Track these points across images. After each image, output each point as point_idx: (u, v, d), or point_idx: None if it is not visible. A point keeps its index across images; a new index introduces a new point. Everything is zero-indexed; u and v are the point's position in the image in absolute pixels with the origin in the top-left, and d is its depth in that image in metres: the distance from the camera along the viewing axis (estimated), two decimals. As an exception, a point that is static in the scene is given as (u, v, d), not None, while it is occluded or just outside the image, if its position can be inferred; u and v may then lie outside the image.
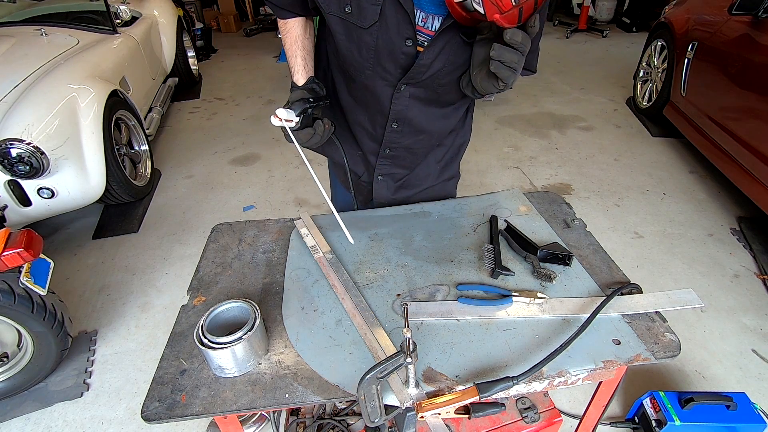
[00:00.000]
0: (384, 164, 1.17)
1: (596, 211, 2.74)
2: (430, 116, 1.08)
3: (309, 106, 0.95)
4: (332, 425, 1.12)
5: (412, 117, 1.05)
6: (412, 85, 0.99)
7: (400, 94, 1.00)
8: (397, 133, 1.09)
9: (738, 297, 2.10)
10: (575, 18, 6.68)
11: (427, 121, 1.08)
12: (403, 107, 1.03)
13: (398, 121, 1.06)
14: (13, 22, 3.27)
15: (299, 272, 1.01)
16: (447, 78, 0.98)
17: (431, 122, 1.10)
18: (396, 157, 1.16)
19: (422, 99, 1.03)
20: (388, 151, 1.14)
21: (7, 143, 1.96)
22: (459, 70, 0.97)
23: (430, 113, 1.07)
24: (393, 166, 1.18)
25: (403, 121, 1.06)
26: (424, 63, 0.93)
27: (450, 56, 0.93)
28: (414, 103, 1.03)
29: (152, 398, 0.75)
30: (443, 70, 0.96)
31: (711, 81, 2.79)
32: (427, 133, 1.12)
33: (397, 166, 1.18)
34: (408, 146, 1.13)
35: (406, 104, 1.02)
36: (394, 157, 1.16)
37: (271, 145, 3.66)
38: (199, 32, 5.98)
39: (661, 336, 0.83)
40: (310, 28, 1.10)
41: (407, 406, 0.73)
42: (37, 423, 1.67)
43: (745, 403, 1.40)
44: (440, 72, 0.96)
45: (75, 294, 2.23)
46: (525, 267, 1.01)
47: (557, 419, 1.09)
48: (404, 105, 1.03)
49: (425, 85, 0.99)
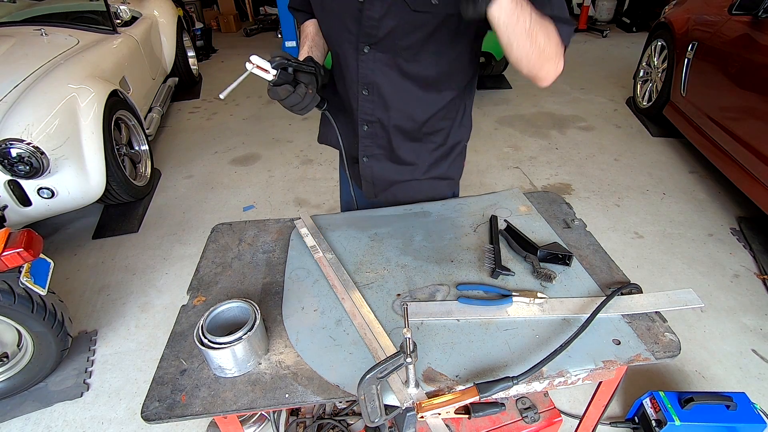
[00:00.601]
0: (367, 144, 1.16)
1: (596, 211, 2.74)
2: (402, 90, 1.06)
3: (289, 63, 0.95)
4: (332, 425, 1.12)
5: (380, 83, 1.05)
6: (374, 48, 0.99)
7: (365, 56, 1.01)
8: (369, 102, 1.08)
9: (738, 297, 2.10)
10: (575, 18, 6.68)
11: (397, 93, 1.07)
12: (368, 71, 1.03)
13: (368, 88, 1.06)
14: (13, 22, 3.27)
15: (299, 272, 1.01)
16: (407, 40, 0.97)
17: (403, 97, 1.08)
18: (375, 135, 1.14)
19: (391, 66, 1.02)
20: (366, 128, 1.13)
21: (7, 143, 1.96)
22: (420, 32, 0.95)
23: (402, 86, 1.06)
24: (374, 146, 1.16)
25: (372, 88, 1.06)
26: (372, 16, 0.94)
27: (403, 14, 0.92)
28: (381, 69, 1.03)
29: (152, 398, 0.75)
30: (399, 30, 0.95)
31: (711, 81, 2.79)
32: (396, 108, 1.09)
33: (378, 146, 1.16)
34: (382, 121, 1.11)
35: (372, 68, 1.03)
36: (373, 135, 1.14)
37: (271, 145, 3.67)
38: (199, 32, 5.97)
39: (661, 336, 0.83)
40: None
41: (407, 406, 0.73)
42: (37, 423, 1.67)
43: (745, 403, 1.40)
44: (397, 32, 0.95)
45: (75, 294, 2.23)
46: (525, 267, 1.01)
47: (557, 419, 1.09)
48: (370, 69, 1.03)
49: (387, 49, 0.99)
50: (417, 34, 0.96)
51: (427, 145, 1.18)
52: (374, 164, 1.19)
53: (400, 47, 0.98)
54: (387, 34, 0.96)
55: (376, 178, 1.22)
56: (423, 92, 1.07)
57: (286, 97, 0.95)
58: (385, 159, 1.19)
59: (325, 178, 3.17)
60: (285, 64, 0.94)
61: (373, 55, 1.00)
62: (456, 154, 1.24)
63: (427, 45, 0.98)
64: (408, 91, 1.07)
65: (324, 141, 1.33)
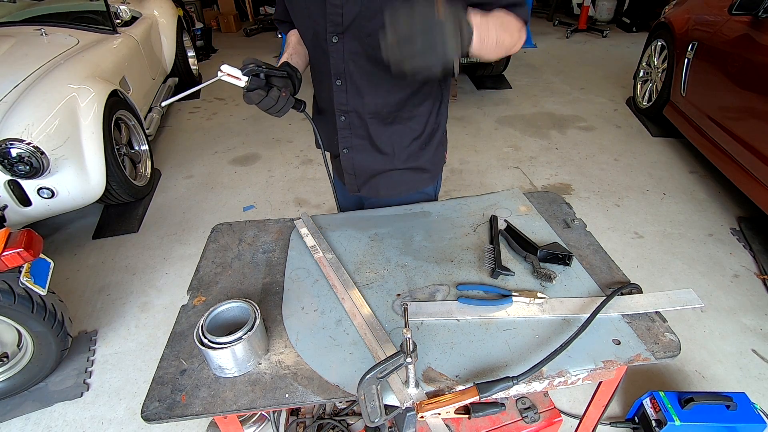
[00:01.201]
0: (345, 135, 1.17)
1: (596, 211, 2.74)
2: (373, 76, 1.07)
3: (260, 69, 0.97)
4: (332, 425, 1.12)
5: (352, 72, 1.06)
6: (342, 37, 1.00)
7: (334, 47, 1.03)
8: (343, 92, 1.09)
9: (738, 297, 2.10)
10: (575, 18, 6.68)
11: (368, 81, 1.08)
12: (340, 60, 1.05)
13: (340, 78, 1.07)
14: (13, 22, 3.27)
15: (299, 272, 1.01)
16: (371, 26, 0.97)
17: (375, 83, 1.08)
18: (352, 125, 1.15)
19: (360, 54, 1.03)
20: (343, 118, 1.14)
21: (7, 143, 1.96)
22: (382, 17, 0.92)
23: (373, 73, 1.06)
24: (353, 136, 1.17)
25: (344, 78, 1.07)
26: (334, 3, 0.95)
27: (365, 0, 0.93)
28: (351, 57, 1.04)
29: (152, 398, 0.75)
30: (363, 16, 0.96)
31: (711, 81, 2.79)
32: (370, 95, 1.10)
33: (357, 136, 1.17)
34: (357, 110, 1.12)
35: (342, 57, 1.04)
36: (350, 126, 1.15)
37: (271, 145, 3.67)
38: (199, 32, 5.98)
39: (661, 336, 0.83)
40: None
41: (407, 406, 0.73)
42: (37, 423, 1.67)
43: (745, 403, 1.40)
44: (361, 18, 0.96)
45: (75, 294, 2.23)
46: (525, 267, 1.01)
47: (557, 419, 1.09)
48: (340, 58, 1.04)
49: (355, 37, 1.00)
50: (380, 17, 0.93)
51: (404, 132, 1.18)
52: (354, 155, 1.20)
53: (365, 33, 0.99)
54: (352, 22, 0.98)
55: (357, 169, 1.22)
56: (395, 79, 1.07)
57: (260, 101, 0.98)
58: (364, 149, 1.20)
59: (325, 178, 3.17)
60: (256, 71, 0.97)
61: (342, 45, 1.02)
62: (435, 144, 1.23)
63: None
64: (379, 77, 1.07)
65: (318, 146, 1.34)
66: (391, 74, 0.99)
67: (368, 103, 1.11)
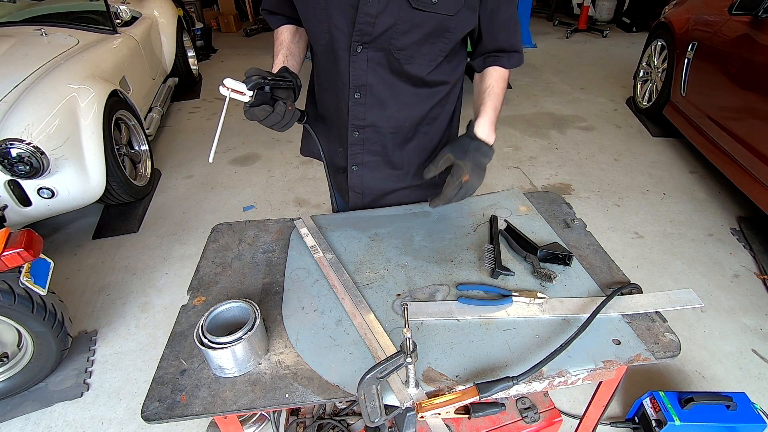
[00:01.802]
0: (357, 151, 1.12)
1: (596, 211, 2.74)
2: (395, 90, 1.03)
3: (265, 82, 0.89)
4: (332, 425, 1.12)
5: (374, 84, 1.01)
6: (368, 46, 0.95)
7: (357, 57, 0.97)
8: (361, 105, 1.04)
9: (738, 297, 2.10)
10: (575, 18, 6.69)
11: (391, 94, 1.03)
12: (361, 72, 0.99)
13: (360, 90, 1.02)
14: (13, 22, 3.27)
15: (299, 272, 1.01)
16: (404, 40, 0.94)
17: (397, 98, 1.04)
18: (367, 141, 1.10)
19: (384, 66, 0.99)
20: (357, 134, 1.09)
21: (7, 143, 1.96)
22: (416, 33, 0.93)
23: (396, 86, 1.02)
24: (366, 153, 1.12)
25: (365, 91, 1.02)
26: (369, 12, 0.90)
27: (401, 12, 0.90)
28: (374, 69, 0.99)
29: (152, 398, 0.75)
30: (396, 29, 0.92)
31: (711, 81, 2.79)
32: (393, 109, 1.06)
33: (370, 152, 1.12)
34: (376, 125, 1.07)
35: (365, 68, 0.98)
36: (364, 142, 1.10)
37: (271, 145, 3.67)
38: (199, 32, 5.98)
39: (661, 336, 0.83)
40: (301, 37, 1.13)
41: (407, 406, 0.73)
42: (37, 423, 1.67)
43: (745, 403, 1.40)
44: (393, 31, 0.92)
45: (75, 294, 2.23)
46: (525, 267, 1.01)
47: (557, 419, 1.09)
48: (363, 69, 0.98)
49: (382, 47, 0.95)
50: (414, 34, 0.93)
51: (420, 147, 1.15)
52: (365, 173, 1.16)
53: (395, 47, 0.95)
54: (382, 33, 0.93)
55: (366, 187, 1.18)
56: (416, 89, 1.05)
57: (265, 118, 0.90)
58: (376, 166, 1.15)
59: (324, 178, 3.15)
60: (261, 83, 0.88)
61: (366, 55, 0.97)
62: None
63: (423, 46, 0.97)
64: (402, 91, 1.04)
65: (307, 153, 1.29)
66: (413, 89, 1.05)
67: (390, 117, 1.07)
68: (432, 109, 1.11)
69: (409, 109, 1.08)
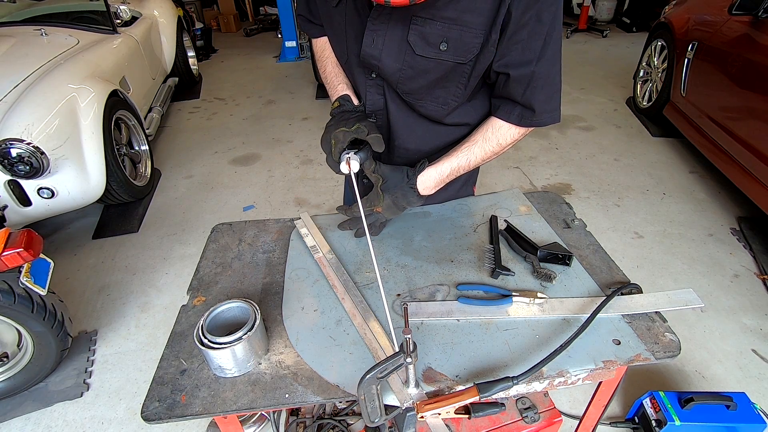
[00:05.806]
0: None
1: (596, 211, 2.74)
2: (410, 122, 0.99)
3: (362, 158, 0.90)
4: (332, 425, 1.12)
5: (390, 111, 0.99)
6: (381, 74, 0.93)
7: (372, 82, 0.95)
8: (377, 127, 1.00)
9: (738, 297, 2.10)
10: (575, 18, 6.69)
11: (406, 124, 1.00)
12: (378, 96, 0.97)
13: (376, 115, 1.01)
14: (13, 22, 3.27)
15: (299, 272, 1.01)
16: (411, 85, 0.89)
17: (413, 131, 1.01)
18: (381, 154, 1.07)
19: (400, 97, 0.96)
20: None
21: (7, 143, 1.96)
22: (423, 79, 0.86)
23: (410, 118, 0.99)
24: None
25: (381, 115, 1.01)
26: (371, 53, 0.86)
27: (405, 57, 0.84)
28: (392, 97, 0.97)
29: (152, 398, 0.75)
30: (403, 74, 0.87)
31: (711, 81, 2.79)
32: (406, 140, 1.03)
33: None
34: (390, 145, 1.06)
35: (380, 93, 0.97)
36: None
37: (271, 145, 3.67)
38: (199, 32, 5.98)
39: (661, 336, 0.83)
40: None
41: (407, 406, 0.73)
42: (37, 423, 1.67)
43: (745, 403, 1.40)
44: (400, 76, 0.87)
45: (75, 294, 2.23)
46: (525, 267, 1.01)
47: (557, 419, 1.09)
48: (379, 94, 0.97)
49: (392, 86, 0.92)
50: (421, 79, 0.88)
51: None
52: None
53: (402, 91, 0.92)
54: (389, 75, 0.89)
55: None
56: (434, 125, 1.02)
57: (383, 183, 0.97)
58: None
59: (325, 178, 3.17)
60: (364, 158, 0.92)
61: (382, 82, 0.95)
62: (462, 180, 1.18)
63: (434, 90, 0.91)
64: (419, 126, 1.01)
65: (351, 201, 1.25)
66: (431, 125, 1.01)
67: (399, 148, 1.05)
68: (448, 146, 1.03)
69: (424, 144, 1.05)
